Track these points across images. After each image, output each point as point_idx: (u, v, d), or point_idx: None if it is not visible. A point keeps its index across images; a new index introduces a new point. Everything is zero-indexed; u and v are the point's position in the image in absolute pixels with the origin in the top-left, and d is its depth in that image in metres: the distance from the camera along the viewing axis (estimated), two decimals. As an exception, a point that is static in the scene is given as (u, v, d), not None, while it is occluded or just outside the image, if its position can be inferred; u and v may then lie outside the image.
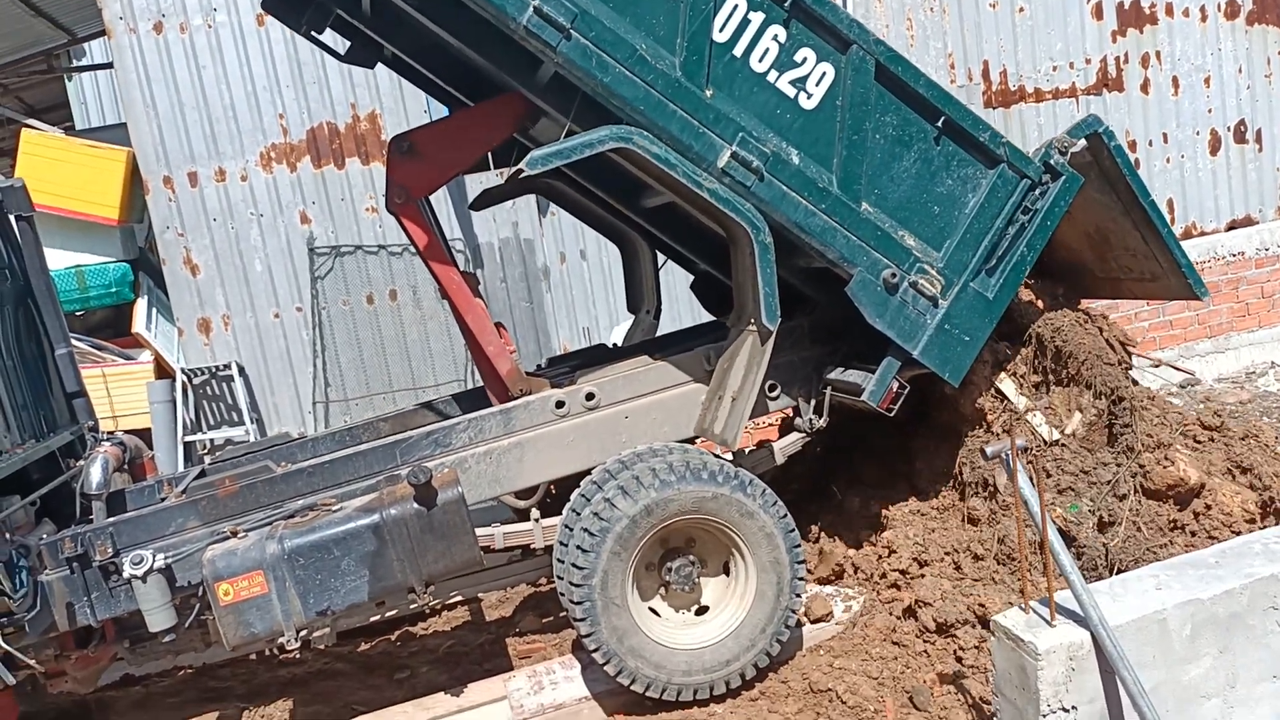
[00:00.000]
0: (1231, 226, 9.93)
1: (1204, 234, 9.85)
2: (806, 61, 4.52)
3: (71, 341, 5.32)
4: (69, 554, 4.30)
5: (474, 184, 7.76)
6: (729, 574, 4.66)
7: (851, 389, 4.85)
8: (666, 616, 4.67)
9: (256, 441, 6.57)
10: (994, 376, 5.09)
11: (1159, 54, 9.58)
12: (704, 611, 4.70)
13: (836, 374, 5.03)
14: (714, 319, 6.27)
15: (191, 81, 7.88)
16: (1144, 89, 9.59)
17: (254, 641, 4.27)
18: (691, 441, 5.02)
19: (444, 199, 8.24)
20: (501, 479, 4.86)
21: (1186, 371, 7.44)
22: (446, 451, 4.79)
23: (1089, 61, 9.42)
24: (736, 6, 4.39)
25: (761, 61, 4.48)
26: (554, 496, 5.81)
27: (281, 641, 4.21)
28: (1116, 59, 9.48)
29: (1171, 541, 4.86)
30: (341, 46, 5.68)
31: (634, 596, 4.50)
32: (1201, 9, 9.60)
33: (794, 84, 4.53)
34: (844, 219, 4.62)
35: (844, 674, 4.64)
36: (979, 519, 5.01)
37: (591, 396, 4.92)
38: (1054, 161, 4.80)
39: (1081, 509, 4.86)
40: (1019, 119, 9.30)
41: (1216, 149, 9.84)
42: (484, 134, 5.00)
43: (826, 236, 4.61)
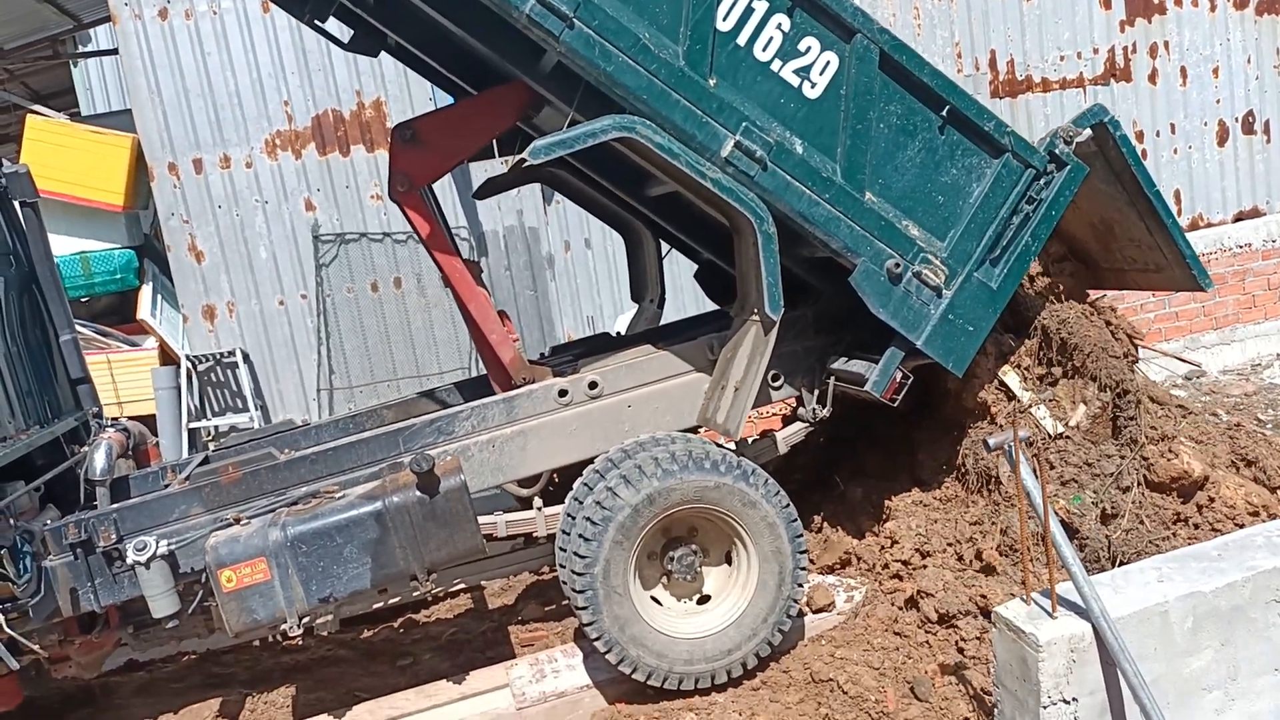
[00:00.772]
0: (1239, 218, 9.89)
1: (1211, 225, 9.81)
2: (810, 50, 4.50)
3: (76, 327, 5.33)
4: (73, 540, 4.31)
5: (479, 172, 7.75)
6: (731, 563, 4.66)
7: (855, 379, 4.85)
8: (668, 605, 4.67)
9: (260, 428, 6.58)
10: (998, 369, 5.09)
11: (1167, 44, 9.52)
12: (706, 600, 4.70)
13: (840, 364, 5.03)
14: (718, 308, 6.26)
15: (196, 68, 7.88)
16: (1152, 79, 9.54)
17: (257, 628, 4.29)
18: (695, 431, 5.02)
19: (449, 187, 8.23)
20: (504, 467, 4.87)
21: (1192, 363, 7.43)
22: (449, 439, 4.80)
23: (1097, 51, 9.37)
24: None
25: (765, 50, 4.46)
26: (556, 485, 5.81)
27: (284, 628, 4.23)
28: (1125, 49, 9.43)
29: (1174, 534, 4.86)
30: (345, 35, 5.67)
31: (636, 585, 4.51)
32: (1211, -1, 9.56)
33: (798, 73, 4.51)
34: (848, 209, 4.60)
35: (845, 664, 4.64)
36: (982, 510, 5.01)
37: (594, 385, 4.92)
38: (1059, 151, 4.78)
39: (1085, 501, 4.85)
40: (1026, 109, 9.26)
41: (1224, 140, 9.79)
42: (487, 123, 4.99)
43: (830, 226, 4.60)
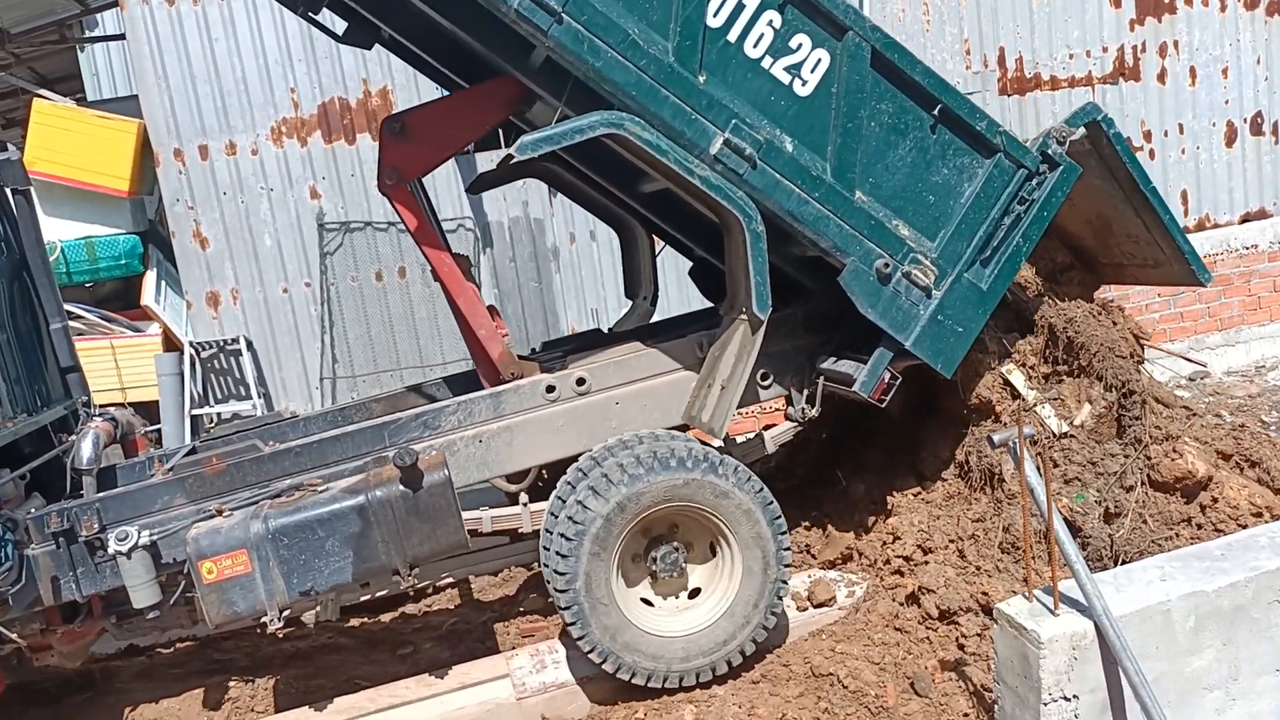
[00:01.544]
0: (1245, 219, 9.87)
1: (1217, 226, 9.79)
2: (801, 48, 4.46)
3: (67, 315, 5.28)
4: (55, 529, 4.28)
5: (486, 162, 7.74)
6: (716, 555, 4.64)
7: (843, 379, 4.82)
8: (658, 605, 4.65)
9: (247, 419, 6.58)
10: (1002, 367, 5.07)
11: (1177, 43, 9.50)
12: (696, 594, 4.68)
13: (829, 364, 5.00)
14: (711, 305, 6.25)
15: (203, 54, 7.87)
16: (1161, 79, 9.52)
17: (237, 620, 4.24)
18: (683, 428, 5.00)
19: (453, 178, 8.23)
20: (490, 462, 4.84)
21: (1198, 363, 7.42)
22: (435, 434, 4.76)
23: (1106, 50, 9.35)
24: None
25: (756, 47, 4.42)
26: (546, 481, 5.80)
27: (264, 621, 4.18)
28: (1134, 48, 9.40)
29: (1177, 534, 4.85)
30: (340, 27, 5.62)
31: (622, 592, 4.48)
32: (1221, -1, 9.53)
33: (788, 70, 4.47)
34: (837, 208, 4.57)
35: (846, 658, 4.64)
36: (984, 507, 5.00)
37: (582, 382, 4.89)
38: (1052, 151, 4.74)
39: (1088, 499, 4.84)
40: (1034, 107, 9.24)
41: (1232, 141, 9.77)
42: (477, 117, 4.94)
43: (819, 225, 4.56)
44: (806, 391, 5.12)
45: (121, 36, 8.78)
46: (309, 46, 7.98)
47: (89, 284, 8.50)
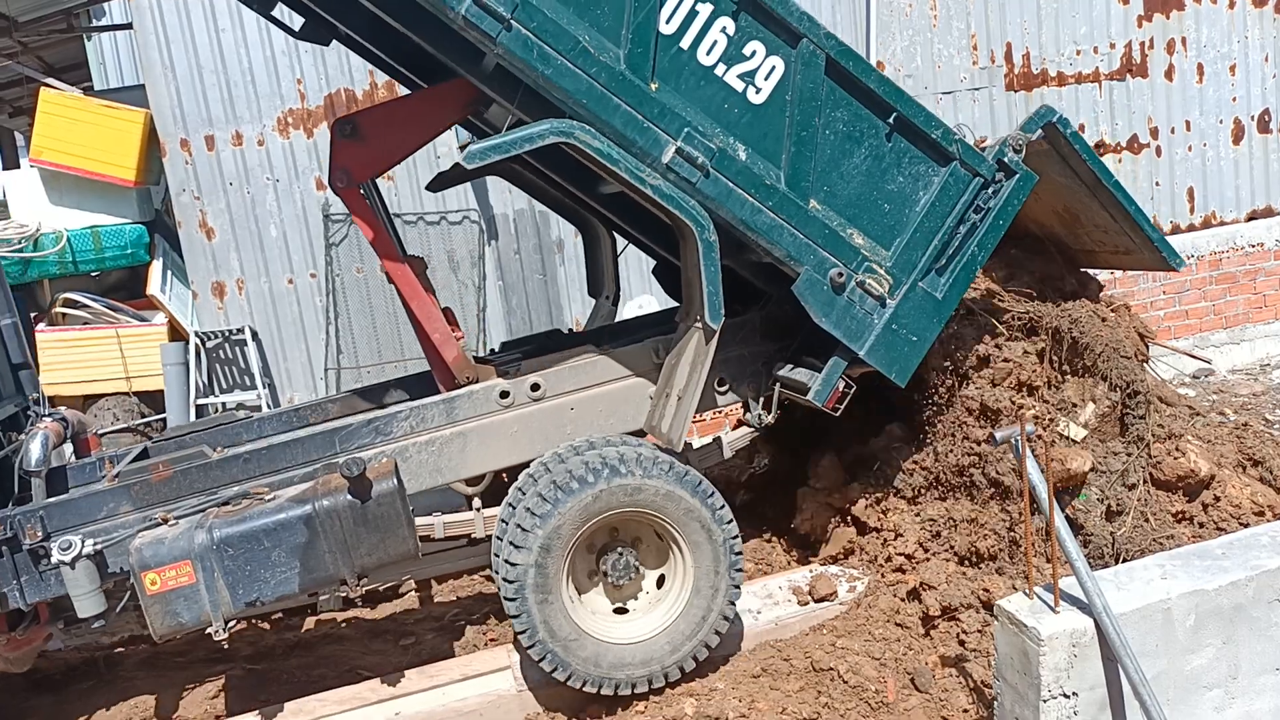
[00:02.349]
0: (1252, 217, 9.85)
1: (1223, 224, 9.77)
2: (756, 55, 4.41)
3: (17, 312, 5.12)
4: None
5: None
6: (668, 561, 4.60)
7: (798, 388, 4.80)
8: (609, 612, 4.62)
9: (202, 420, 6.46)
10: (1014, 370, 5.00)
11: (1184, 40, 9.47)
12: (647, 599, 4.65)
13: (785, 371, 4.97)
14: (676, 305, 6.19)
15: (210, 44, 7.87)
16: (1168, 75, 9.49)
17: (181, 631, 4.20)
18: (640, 434, 4.91)
19: (460, 169, 8.21)
20: (443, 469, 4.78)
21: (1203, 359, 7.41)
22: (387, 440, 4.71)
23: (1113, 46, 9.32)
24: None
25: (709, 55, 4.36)
26: (507, 483, 5.77)
27: (209, 632, 4.13)
28: (1141, 44, 9.37)
29: (1179, 532, 4.86)
30: (297, 23, 5.55)
31: (573, 598, 4.45)
32: (1229, -5, 9.49)
33: (742, 78, 4.42)
34: (791, 216, 4.52)
35: (846, 653, 4.65)
36: (986, 505, 5.01)
37: (537, 387, 4.84)
38: (1008, 159, 4.70)
39: (1090, 497, 4.85)
40: (1041, 103, 9.19)
41: (1239, 138, 9.74)
42: (431, 120, 4.86)
43: (773, 234, 4.51)
44: (763, 398, 5.08)
45: (129, 26, 8.77)
46: (315, 37, 7.97)
47: (95, 273, 8.51)
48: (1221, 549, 4.12)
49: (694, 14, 4.31)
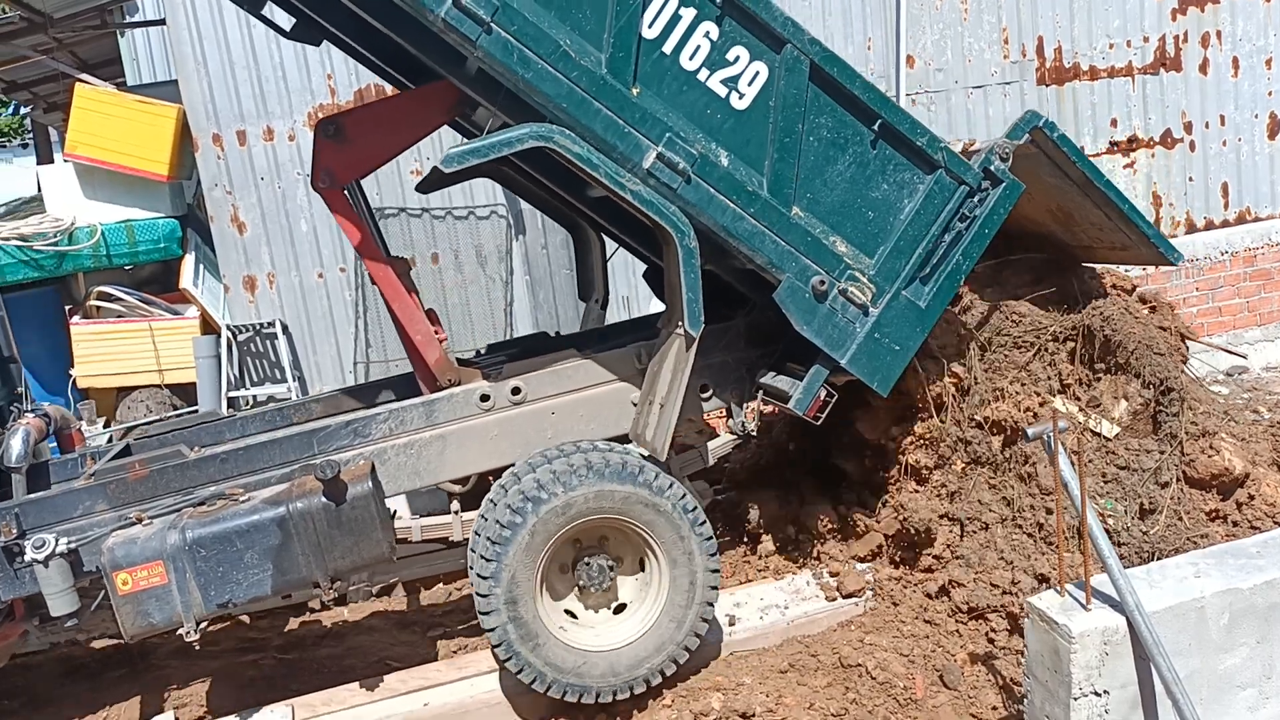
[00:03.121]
0: (1287, 213, 9.72)
1: (1258, 220, 9.64)
2: (739, 60, 4.37)
3: (4, 308, 5.17)
4: None
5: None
6: (644, 569, 4.60)
7: (780, 396, 4.77)
8: (583, 619, 4.61)
9: (185, 418, 6.45)
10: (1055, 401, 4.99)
11: (1219, 34, 9.35)
12: (622, 610, 4.63)
13: (768, 378, 4.94)
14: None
15: (242, 40, 7.93)
16: (1203, 69, 9.37)
17: (152, 631, 4.21)
18: (622, 439, 4.86)
19: (488, 164, 8.23)
20: (422, 472, 4.76)
21: (1238, 354, 7.34)
22: (365, 442, 4.69)
23: (1147, 40, 9.21)
24: (667, 2, 4.24)
25: (692, 59, 4.32)
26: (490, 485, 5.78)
27: (180, 633, 4.13)
28: (1175, 38, 9.26)
29: (1212, 531, 4.81)
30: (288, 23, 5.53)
31: (546, 604, 4.44)
32: (1266, -12, 9.36)
33: (725, 83, 4.38)
34: (773, 223, 4.48)
35: (874, 650, 4.65)
36: (1017, 501, 4.98)
37: (518, 391, 4.82)
38: (994, 168, 4.66)
39: (1117, 507, 4.80)
40: (1072, 97, 9.13)
41: (1275, 133, 9.61)
42: (416, 121, 4.84)
43: (754, 241, 4.48)
44: (746, 405, 5.05)
45: (162, 22, 8.86)
46: (346, 33, 8.01)
47: (128, 267, 8.62)
48: (1256, 548, 4.07)
49: (677, 18, 4.27)
